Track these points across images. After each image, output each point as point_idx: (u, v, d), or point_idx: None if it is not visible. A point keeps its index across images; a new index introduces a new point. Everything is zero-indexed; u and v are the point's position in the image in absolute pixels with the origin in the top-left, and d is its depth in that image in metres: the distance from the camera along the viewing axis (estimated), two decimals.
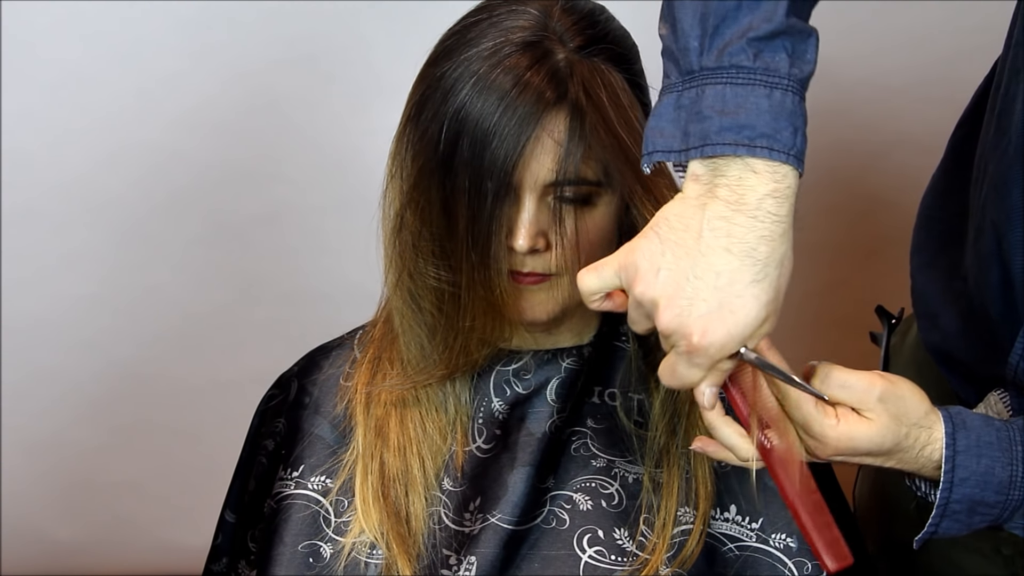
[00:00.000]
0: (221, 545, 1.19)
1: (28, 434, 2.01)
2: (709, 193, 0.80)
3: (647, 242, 0.82)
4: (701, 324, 0.79)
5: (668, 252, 0.81)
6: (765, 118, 0.79)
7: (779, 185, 0.79)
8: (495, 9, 0.99)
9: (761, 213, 0.79)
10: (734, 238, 0.78)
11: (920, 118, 1.84)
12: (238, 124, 1.88)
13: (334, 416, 1.12)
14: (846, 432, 0.88)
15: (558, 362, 1.10)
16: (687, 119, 0.81)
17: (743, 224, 0.78)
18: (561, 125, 0.95)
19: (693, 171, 0.81)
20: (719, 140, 0.79)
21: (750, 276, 0.79)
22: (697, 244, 0.79)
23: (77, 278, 1.94)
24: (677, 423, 1.06)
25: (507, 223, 0.97)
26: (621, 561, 1.01)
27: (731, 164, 0.79)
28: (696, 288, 0.79)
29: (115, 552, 2.08)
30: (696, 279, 0.79)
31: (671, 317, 0.80)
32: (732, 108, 0.79)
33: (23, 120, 1.85)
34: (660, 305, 0.80)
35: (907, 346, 1.23)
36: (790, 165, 0.79)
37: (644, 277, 0.81)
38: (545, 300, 1.01)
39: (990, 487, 0.89)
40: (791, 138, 0.79)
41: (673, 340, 0.81)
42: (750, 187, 0.79)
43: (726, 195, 0.79)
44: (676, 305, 0.80)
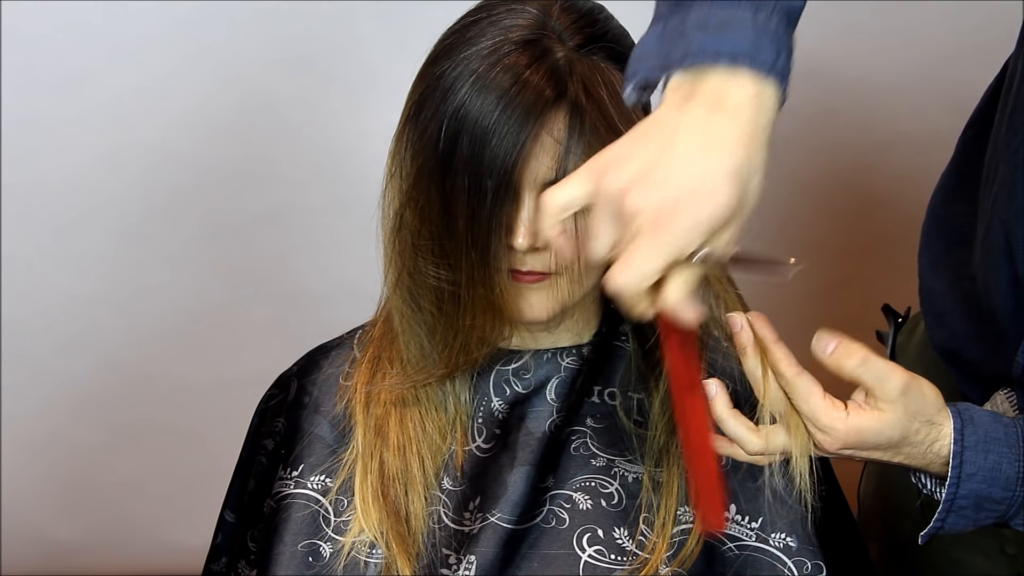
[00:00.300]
0: (221, 545, 1.19)
1: (28, 433, 2.01)
2: (689, 98, 0.78)
3: (617, 145, 0.80)
4: (672, 202, 0.75)
5: (640, 147, 0.78)
6: (748, 35, 0.77)
7: (760, 97, 0.77)
8: (494, 8, 0.99)
9: (741, 116, 0.77)
10: (712, 136, 0.76)
11: (918, 117, 1.84)
12: (237, 124, 1.88)
13: (334, 415, 1.12)
14: (855, 424, 0.88)
15: (558, 361, 1.10)
16: (671, 42, 0.80)
17: (721, 123, 0.76)
18: (561, 123, 0.95)
19: (674, 83, 0.79)
20: (700, 54, 0.78)
21: (724, 169, 0.76)
22: (672, 139, 0.77)
23: (77, 278, 1.94)
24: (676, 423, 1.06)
25: (507, 222, 0.97)
26: (621, 560, 1.01)
27: (712, 74, 0.77)
28: (669, 172, 0.76)
29: (115, 552, 2.08)
30: (669, 164, 0.76)
31: (640, 197, 0.76)
32: (714, 26, 0.78)
33: (23, 120, 1.85)
34: (629, 189, 0.76)
35: (913, 345, 1.23)
36: (771, 79, 0.77)
37: (614, 169, 0.78)
38: (545, 299, 1.01)
39: (997, 483, 0.89)
40: (773, 56, 0.77)
41: (639, 221, 0.76)
42: (730, 94, 0.77)
43: (706, 100, 0.77)
44: (646, 186, 0.76)
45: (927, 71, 1.83)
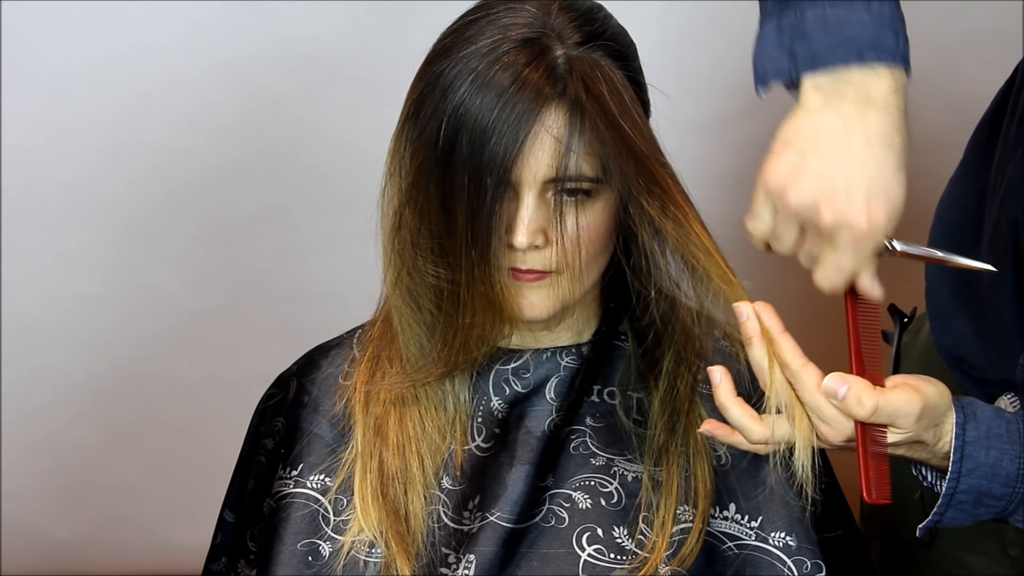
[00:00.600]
0: (220, 544, 1.19)
1: (28, 434, 2.01)
2: (836, 96, 0.83)
3: (781, 159, 0.85)
4: (865, 211, 0.83)
5: (810, 158, 0.84)
6: (868, 29, 0.82)
7: (898, 82, 0.83)
8: (493, 7, 0.99)
9: (890, 107, 0.83)
10: (871, 131, 0.82)
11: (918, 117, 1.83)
12: (237, 124, 1.88)
13: (333, 415, 1.12)
14: None
15: (557, 360, 1.10)
16: (791, 41, 0.84)
17: (877, 118, 0.82)
18: (560, 121, 0.95)
19: (813, 84, 0.84)
20: (830, 58, 0.83)
21: (894, 163, 0.83)
22: (836, 144, 0.83)
23: (76, 278, 1.94)
24: (676, 421, 1.06)
25: (506, 220, 0.97)
26: (620, 559, 1.01)
27: (852, 71, 0.83)
28: (851, 183, 0.83)
29: (115, 552, 2.08)
30: (849, 175, 0.83)
31: (834, 213, 0.84)
32: (835, 25, 0.83)
33: (23, 120, 1.85)
34: (820, 206, 0.84)
35: (918, 346, 1.22)
36: (899, 63, 0.83)
37: (795, 186, 0.85)
38: (545, 297, 1.01)
39: (997, 479, 0.89)
40: (895, 42, 0.83)
41: (839, 235, 0.84)
42: (874, 86, 0.82)
43: (853, 95, 0.83)
44: (836, 201, 0.83)
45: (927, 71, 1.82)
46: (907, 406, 0.87)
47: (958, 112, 1.59)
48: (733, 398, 0.92)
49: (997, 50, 1.68)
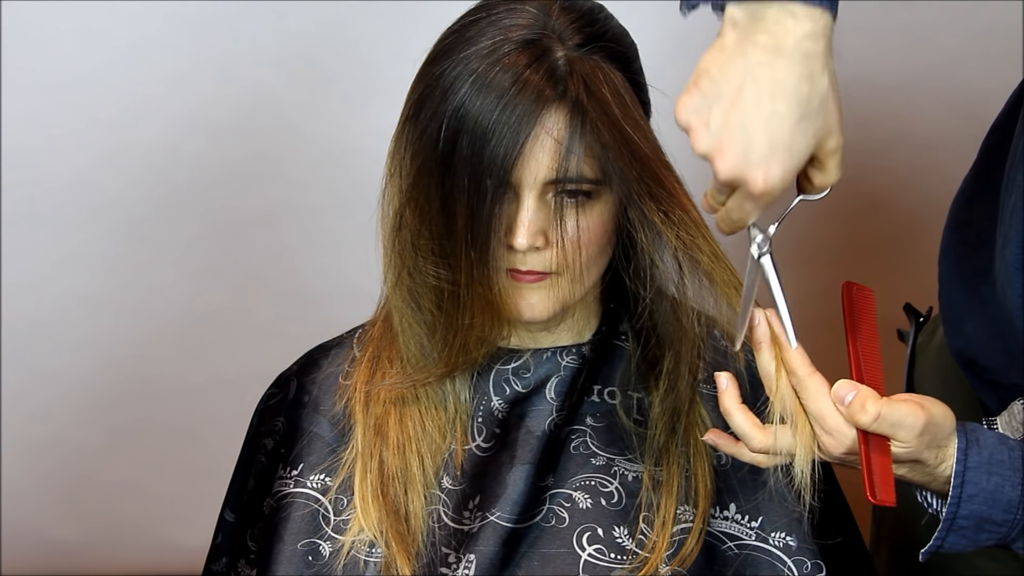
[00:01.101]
0: (221, 544, 1.19)
1: (28, 434, 2.01)
2: (747, 40, 0.82)
3: (691, 98, 0.85)
4: (762, 169, 0.82)
5: (714, 107, 0.83)
6: None
7: (815, 25, 0.81)
8: (494, 8, 0.99)
9: (799, 55, 0.81)
10: (777, 82, 0.81)
11: (919, 118, 1.84)
12: (237, 124, 1.88)
13: (333, 415, 1.12)
14: None
15: (558, 360, 1.10)
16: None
17: (783, 68, 0.81)
18: (561, 123, 0.95)
19: (731, 16, 0.83)
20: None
21: (797, 115, 0.82)
22: (741, 95, 0.82)
23: (77, 278, 1.94)
24: (677, 421, 1.06)
25: (507, 221, 0.97)
26: (620, 559, 1.01)
27: (769, 7, 0.81)
28: (748, 136, 0.82)
29: (115, 552, 2.08)
30: (747, 128, 0.82)
31: (730, 166, 0.83)
32: None
33: (23, 120, 1.85)
34: (715, 157, 0.83)
35: (934, 346, 1.22)
36: (823, 7, 0.81)
37: (696, 132, 0.84)
38: (544, 298, 1.01)
39: (999, 505, 0.89)
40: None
41: (736, 185, 0.85)
42: (788, 29, 0.81)
43: (764, 41, 0.81)
44: (733, 154, 0.83)
45: (929, 72, 1.83)
46: (910, 418, 0.87)
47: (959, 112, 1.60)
48: (738, 404, 0.92)
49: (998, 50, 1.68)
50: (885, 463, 0.87)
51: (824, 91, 0.82)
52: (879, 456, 0.87)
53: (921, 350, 1.23)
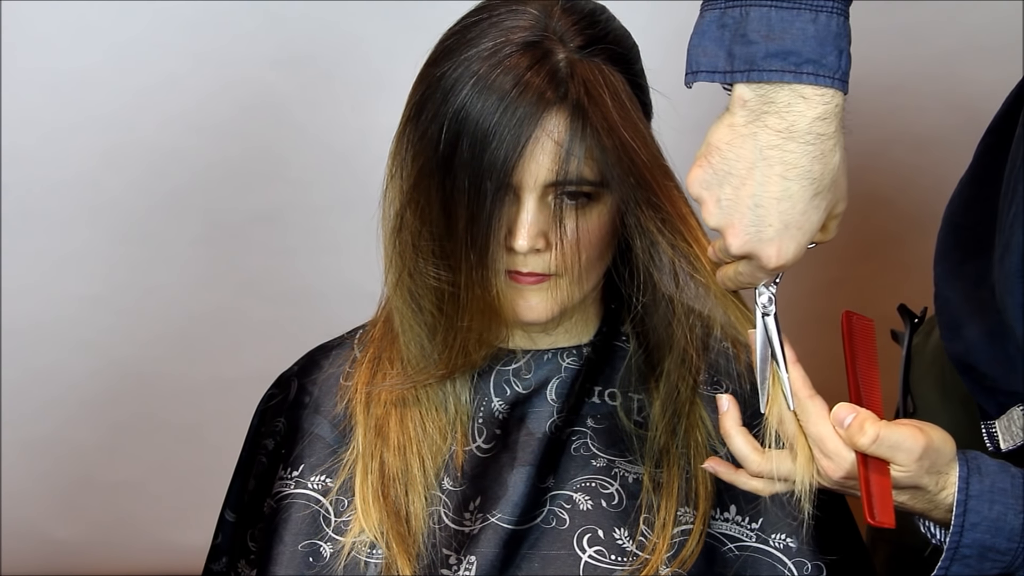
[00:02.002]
0: (221, 544, 1.19)
1: (28, 434, 2.01)
2: (758, 121, 0.82)
3: (702, 172, 0.85)
4: (774, 246, 0.83)
5: (725, 184, 0.84)
6: (811, 43, 0.80)
7: (827, 107, 0.81)
8: (495, 9, 0.99)
9: (811, 136, 0.81)
10: (788, 164, 0.81)
11: (919, 117, 1.84)
12: (238, 124, 1.88)
13: (334, 415, 1.12)
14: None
15: (558, 362, 1.10)
16: (731, 40, 0.82)
17: (795, 151, 0.81)
18: (561, 125, 0.95)
19: (740, 95, 0.83)
20: (766, 67, 0.81)
21: (810, 194, 0.82)
22: (752, 174, 0.82)
23: (77, 278, 1.94)
24: (677, 423, 1.06)
25: (507, 223, 0.97)
26: (621, 561, 1.01)
27: (779, 90, 0.81)
28: (760, 215, 0.83)
29: (115, 552, 2.08)
30: (759, 207, 0.82)
31: (742, 243, 0.84)
32: (778, 33, 0.80)
33: (23, 120, 1.85)
34: (727, 233, 0.84)
35: (930, 348, 1.21)
36: (837, 83, 0.81)
37: (706, 206, 0.85)
38: (544, 300, 1.01)
39: (1002, 534, 0.89)
40: (836, 61, 0.81)
41: (753, 262, 0.86)
42: (799, 112, 0.81)
43: (775, 123, 0.81)
44: (744, 232, 0.84)
45: (928, 71, 1.82)
46: (908, 441, 0.86)
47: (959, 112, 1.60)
48: (738, 426, 0.93)
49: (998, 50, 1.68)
50: (884, 484, 0.87)
51: (836, 167, 0.83)
52: (878, 477, 0.87)
53: (917, 351, 1.22)
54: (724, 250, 0.87)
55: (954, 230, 1.09)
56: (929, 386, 1.20)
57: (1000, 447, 1.04)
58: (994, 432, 1.04)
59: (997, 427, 1.03)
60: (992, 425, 1.04)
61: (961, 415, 1.14)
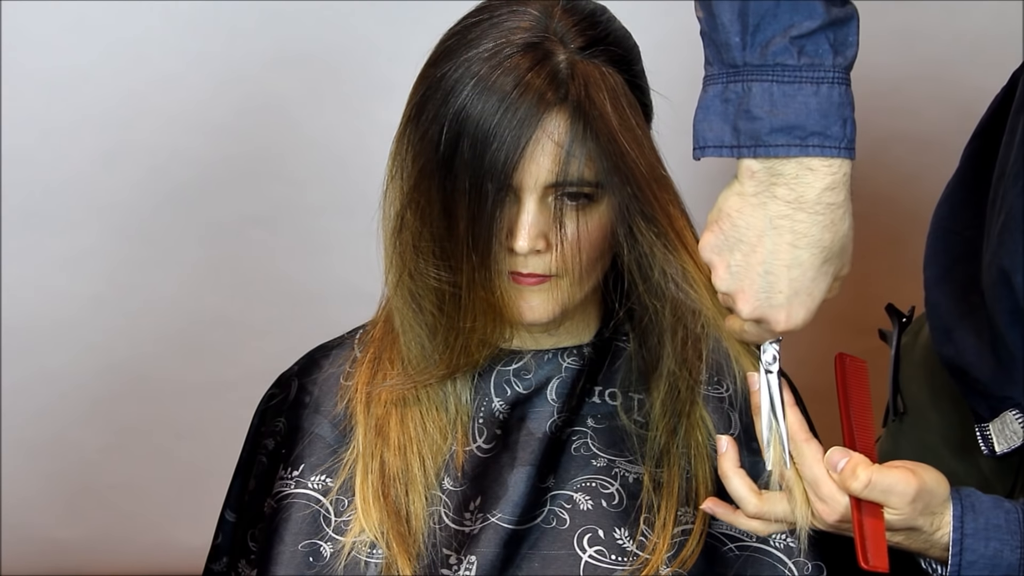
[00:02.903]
0: (221, 544, 1.19)
1: (28, 434, 2.01)
2: (767, 192, 0.82)
3: (713, 238, 0.86)
4: (784, 311, 0.85)
5: (736, 251, 0.84)
6: (814, 116, 0.80)
7: (835, 176, 0.81)
8: (496, 9, 0.99)
9: (821, 206, 0.81)
10: (798, 234, 0.82)
11: (918, 117, 1.84)
12: (238, 124, 1.88)
13: (334, 415, 1.12)
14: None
15: (559, 362, 1.10)
16: (735, 115, 0.82)
17: (805, 221, 0.82)
18: (562, 127, 0.95)
19: (748, 167, 0.83)
20: (771, 142, 0.81)
21: (819, 261, 0.83)
22: (762, 242, 0.83)
23: (77, 278, 1.94)
24: (677, 423, 1.06)
25: (508, 224, 0.97)
26: (621, 561, 1.01)
27: (786, 163, 0.81)
28: (771, 282, 0.83)
29: (115, 552, 2.08)
30: (769, 274, 0.83)
31: (752, 308, 0.86)
32: (781, 108, 0.81)
33: (23, 120, 1.85)
34: (737, 299, 0.85)
35: (919, 347, 1.21)
36: (843, 152, 0.81)
37: (716, 271, 0.87)
38: (545, 300, 1.01)
39: (999, 570, 0.89)
40: (841, 131, 0.81)
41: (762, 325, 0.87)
42: (808, 184, 0.81)
43: (784, 194, 0.82)
44: (754, 298, 0.85)
45: (927, 71, 1.83)
46: (901, 485, 0.87)
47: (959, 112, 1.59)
48: (735, 468, 0.93)
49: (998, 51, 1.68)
50: (878, 528, 0.87)
51: (845, 235, 0.84)
52: (872, 520, 0.87)
53: (906, 351, 1.22)
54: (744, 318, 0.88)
55: (943, 234, 1.09)
56: (919, 386, 1.20)
57: (995, 450, 1.04)
58: (988, 435, 1.04)
59: (991, 430, 1.03)
60: (986, 428, 1.04)
61: (952, 415, 1.13)
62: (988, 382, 1.01)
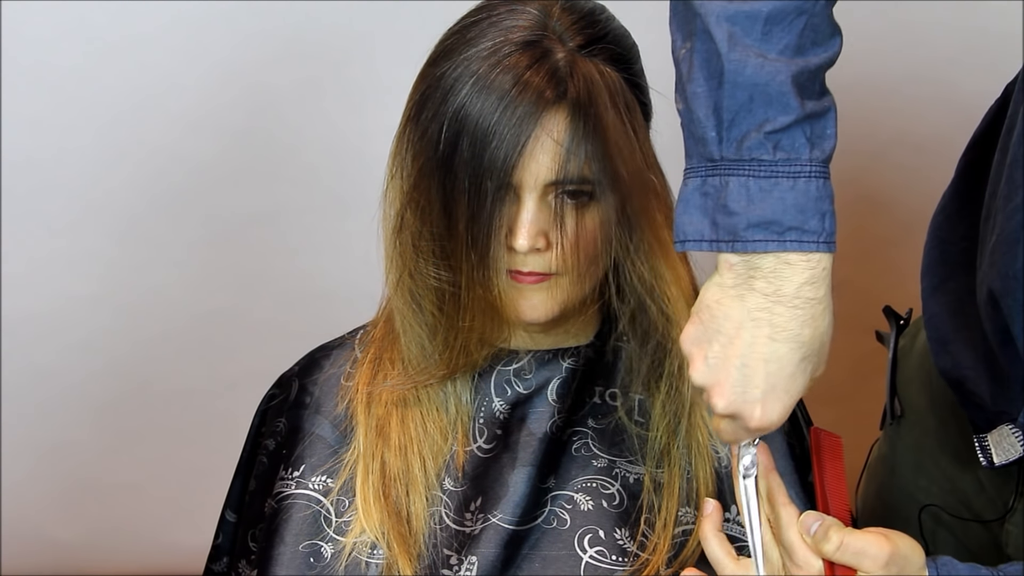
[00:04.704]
0: (222, 545, 1.19)
1: (28, 434, 2.01)
2: (745, 285, 0.81)
3: (693, 329, 0.85)
4: (759, 407, 0.83)
5: (714, 342, 0.83)
6: (791, 212, 0.80)
7: (814, 271, 0.80)
8: (495, 9, 0.99)
9: (800, 300, 0.80)
10: (777, 327, 0.81)
11: (918, 118, 1.84)
12: (238, 124, 1.88)
13: (335, 416, 1.12)
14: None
15: (559, 362, 1.10)
16: (714, 209, 0.82)
17: (783, 314, 0.80)
18: (561, 124, 0.95)
19: (727, 260, 0.82)
20: (749, 237, 0.80)
21: (798, 357, 0.82)
22: (740, 335, 0.82)
23: (77, 278, 1.94)
24: (678, 423, 1.06)
25: (507, 223, 0.97)
26: (622, 561, 1.01)
27: (764, 258, 0.80)
28: (747, 375, 0.82)
29: (115, 552, 2.08)
30: (745, 367, 0.82)
31: (727, 403, 0.83)
32: (758, 203, 0.80)
33: (23, 120, 1.85)
34: (713, 392, 0.84)
35: (916, 351, 1.20)
36: (821, 246, 0.80)
37: (694, 363, 0.85)
38: (545, 299, 1.01)
39: None
40: (819, 224, 0.80)
41: (737, 421, 0.85)
42: (786, 278, 0.80)
43: (763, 287, 0.81)
44: (730, 392, 0.83)
45: (927, 72, 1.83)
46: (873, 548, 0.86)
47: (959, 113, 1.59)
48: (715, 531, 0.92)
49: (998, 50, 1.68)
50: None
51: (824, 332, 0.82)
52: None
53: (903, 354, 1.22)
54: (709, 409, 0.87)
55: (939, 244, 1.08)
56: (916, 390, 1.19)
57: (993, 461, 1.03)
58: (987, 446, 1.03)
59: (989, 441, 1.03)
60: (984, 439, 1.03)
61: (950, 421, 1.13)
62: (984, 395, 1.01)
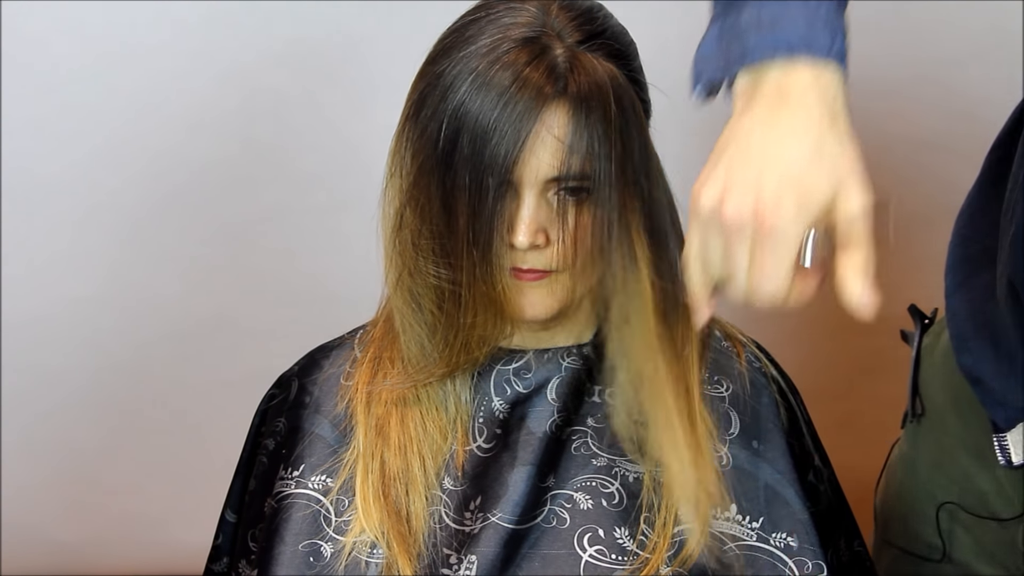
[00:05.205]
0: (222, 545, 1.20)
1: (28, 434, 2.01)
2: (753, 99, 0.80)
3: (703, 170, 0.82)
4: (771, 202, 0.77)
5: (722, 160, 0.80)
6: (800, 27, 0.79)
7: (819, 80, 0.79)
8: (493, 7, 0.99)
9: (805, 104, 0.78)
10: (781, 129, 0.78)
11: (920, 118, 1.84)
12: (238, 124, 1.88)
13: (335, 415, 1.12)
14: None
15: (559, 361, 1.10)
16: (727, 42, 0.82)
17: (787, 115, 0.78)
18: (561, 120, 0.95)
19: (737, 89, 0.82)
20: (757, 51, 0.80)
21: (803, 155, 0.77)
22: (748, 140, 0.79)
23: (77, 278, 1.94)
24: None
25: (508, 219, 0.97)
26: (622, 560, 1.01)
27: (770, 69, 0.80)
28: (756, 174, 0.78)
29: (115, 552, 2.08)
30: (753, 163, 0.78)
31: (735, 205, 0.78)
32: (768, 22, 0.80)
33: (23, 120, 1.85)
34: (723, 199, 0.79)
35: (940, 349, 1.20)
36: (830, 61, 0.79)
37: (704, 187, 0.80)
38: (545, 296, 1.01)
39: None
40: (828, 41, 0.79)
41: (746, 231, 0.78)
42: (791, 82, 0.79)
43: (768, 91, 0.79)
44: (738, 192, 0.78)
45: (929, 72, 1.83)
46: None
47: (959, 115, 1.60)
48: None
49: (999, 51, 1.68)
50: None
51: (840, 140, 0.79)
52: None
53: (927, 352, 1.22)
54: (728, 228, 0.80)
55: (962, 242, 1.08)
56: (938, 388, 1.19)
57: (1012, 461, 1.03)
58: (1006, 445, 1.03)
59: (1009, 440, 1.03)
60: (1004, 438, 1.03)
61: (971, 419, 1.13)
62: (1005, 392, 1.01)
